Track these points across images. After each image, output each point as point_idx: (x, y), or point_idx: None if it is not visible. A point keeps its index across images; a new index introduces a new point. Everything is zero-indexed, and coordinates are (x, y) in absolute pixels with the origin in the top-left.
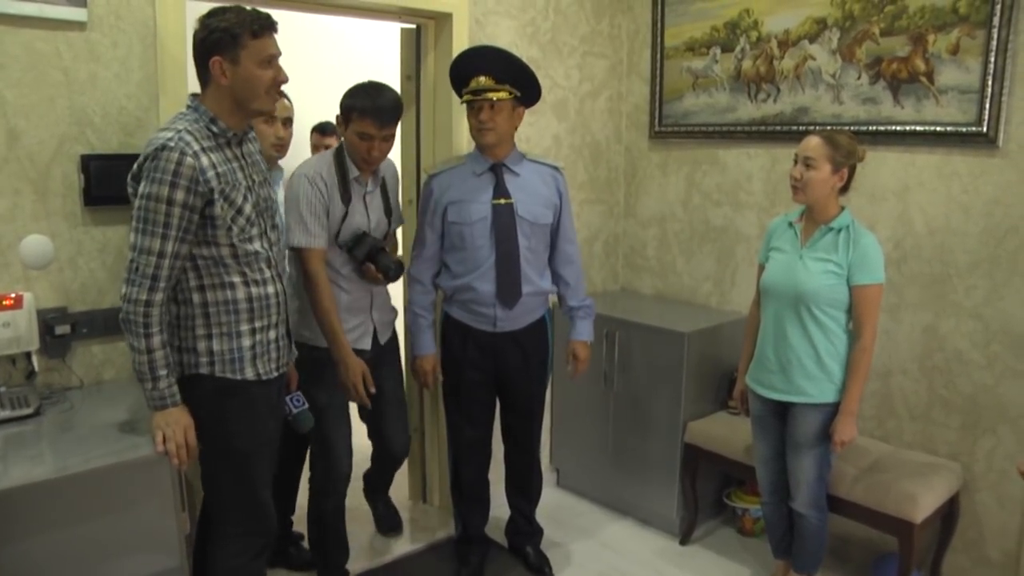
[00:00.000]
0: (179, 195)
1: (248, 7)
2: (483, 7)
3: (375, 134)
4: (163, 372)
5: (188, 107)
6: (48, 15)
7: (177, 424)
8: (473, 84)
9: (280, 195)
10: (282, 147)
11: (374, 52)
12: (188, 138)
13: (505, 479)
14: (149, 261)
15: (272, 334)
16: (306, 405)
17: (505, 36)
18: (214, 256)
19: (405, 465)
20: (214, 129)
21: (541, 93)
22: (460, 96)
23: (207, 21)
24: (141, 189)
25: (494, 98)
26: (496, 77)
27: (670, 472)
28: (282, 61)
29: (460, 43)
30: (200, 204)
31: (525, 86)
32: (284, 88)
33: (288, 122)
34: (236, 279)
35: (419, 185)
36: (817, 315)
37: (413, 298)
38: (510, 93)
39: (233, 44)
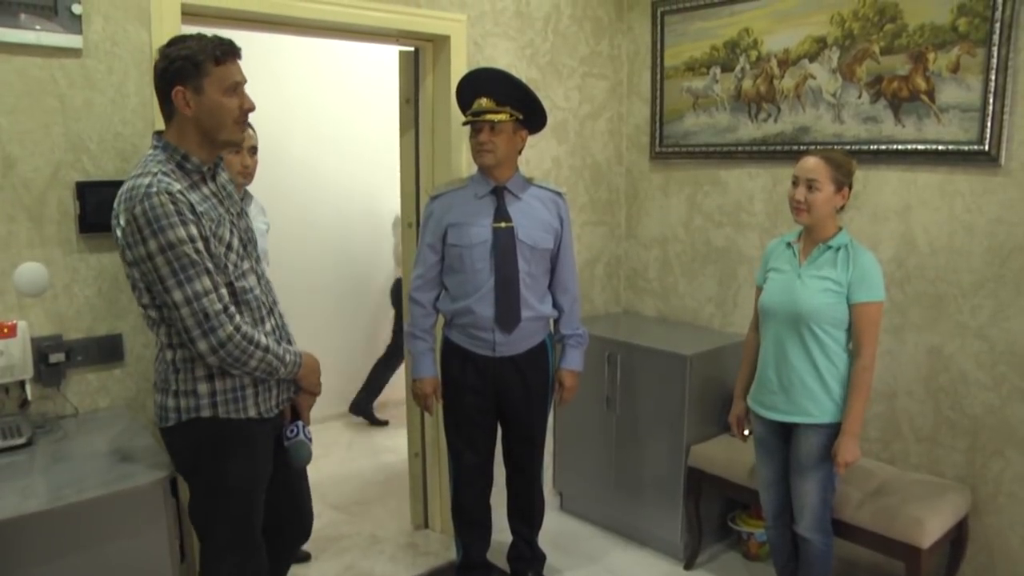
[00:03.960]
0: (192, 230)
1: (210, 33)
2: (481, 29)
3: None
4: (281, 351)
5: (154, 147)
6: (44, 42)
7: (316, 369)
8: (475, 106)
9: (256, 223)
10: (248, 175)
11: (373, 75)
12: (167, 180)
13: (507, 504)
14: (211, 300)
15: None
16: (301, 436)
17: (504, 58)
18: None
19: (407, 490)
20: (187, 166)
21: (546, 119)
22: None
23: (167, 51)
24: (150, 248)
25: (493, 119)
26: (497, 99)
27: (674, 496)
28: (282, 84)
29: (459, 65)
30: (206, 234)
31: (527, 109)
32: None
33: (253, 150)
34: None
35: (418, 208)
36: (818, 334)
37: (413, 320)
38: (511, 116)
39: (196, 72)
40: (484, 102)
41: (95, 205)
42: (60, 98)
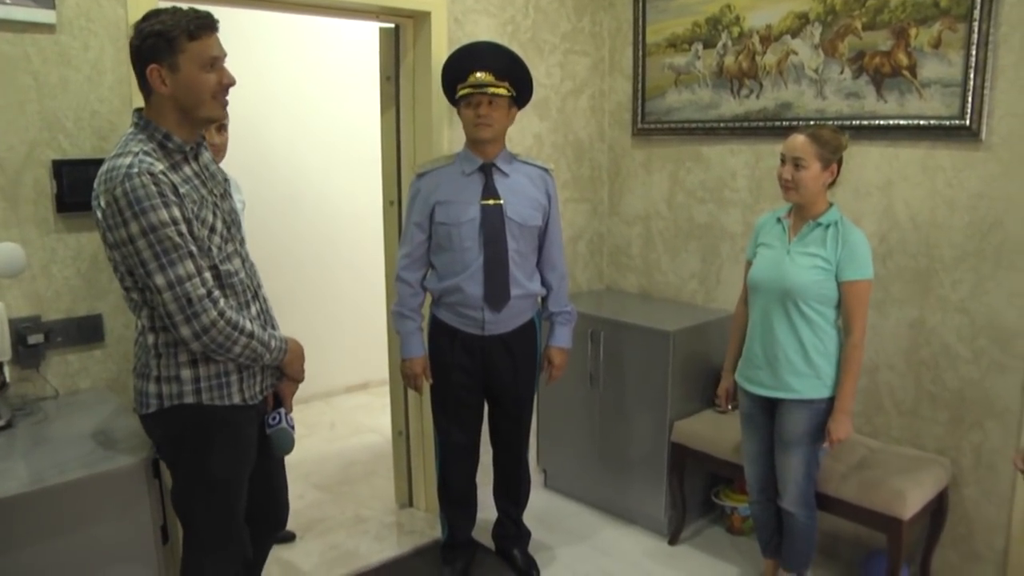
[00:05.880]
0: (175, 212)
1: (186, 6)
2: (462, 5)
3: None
4: (266, 337)
5: (135, 125)
6: (15, 17)
7: (301, 355)
8: (471, 79)
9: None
10: (219, 152)
11: (353, 52)
12: (148, 160)
13: (493, 482)
14: (195, 284)
15: None
16: (284, 423)
17: (484, 35)
18: None
19: (391, 469)
20: (169, 146)
21: (532, 95)
22: (451, 92)
23: (140, 26)
24: (132, 230)
25: (493, 93)
26: (496, 74)
27: (657, 472)
28: (258, 62)
29: (439, 42)
30: (189, 216)
31: (521, 86)
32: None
33: (222, 127)
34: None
35: (399, 186)
36: (804, 311)
37: (401, 300)
38: (508, 91)
39: (169, 49)
40: (483, 75)
41: (72, 184)
42: (34, 75)
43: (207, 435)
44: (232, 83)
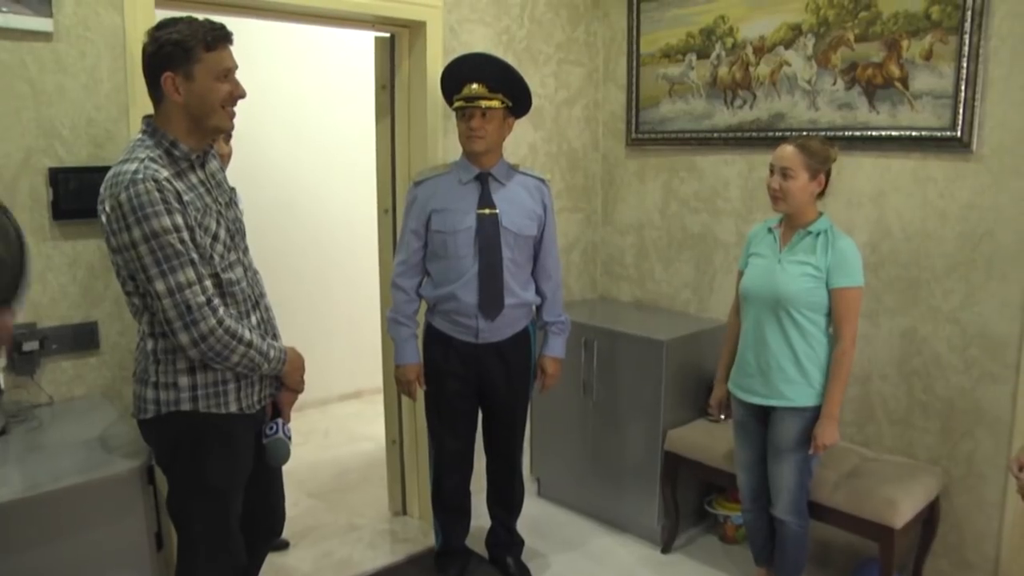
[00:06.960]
0: (178, 219)
1: (202, 17)
2: (457, 15)
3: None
4: (264, 347)
5: (143, 131)
6: (12, 25)
7: (301, 366)
8: (465, 91)
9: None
10: (224, 162)
11: (349, 61)
12: (154, 166)
13: (487, 490)
14: (195, 291)
15: None
16: (280, 434)
17: (480, 44)
18: None
19: (384, 477)
20: (176, 153)
21: (531, 106)
22: (450, 102)
23: (157, 34)
24: (134, 236)
25: (486, 106)
26: (489, 86)
27: (651, 480)
28: (254, 70)
29: (435, 51)
30: (192, 224)
31: (517, 97)
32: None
33: (228, 137)
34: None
35: (394, 194)
36: (796, 319)
37: (396, 306)
38: (502, 103)
39: (186, 58)
40: (476, 88)
41: (69, 191)
42: (31, 83)
43: (202, 442)
44: (243, 95)
